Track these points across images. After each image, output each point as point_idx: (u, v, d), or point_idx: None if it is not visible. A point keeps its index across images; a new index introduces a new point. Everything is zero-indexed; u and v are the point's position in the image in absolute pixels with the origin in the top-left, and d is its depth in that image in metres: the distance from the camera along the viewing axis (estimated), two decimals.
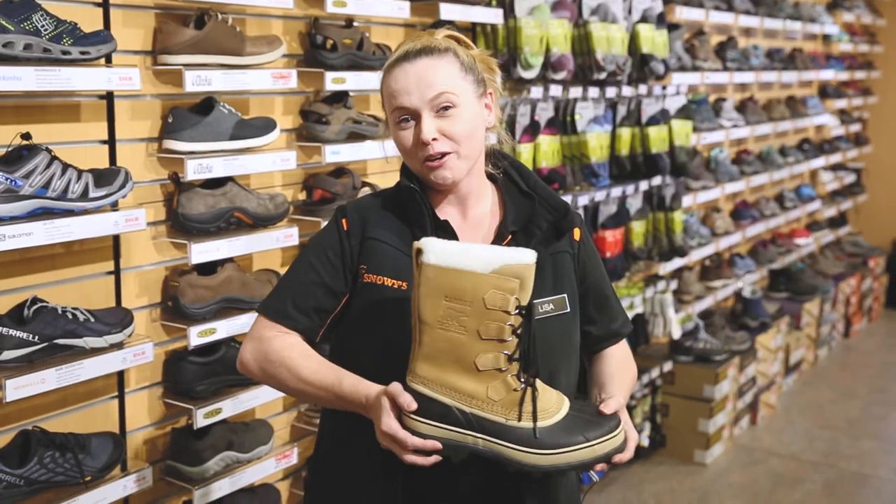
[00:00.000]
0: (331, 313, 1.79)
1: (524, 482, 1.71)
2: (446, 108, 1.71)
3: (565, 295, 1.79)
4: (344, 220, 1.80)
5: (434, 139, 1.70)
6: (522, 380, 1.52)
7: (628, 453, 1.60)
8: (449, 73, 1.72)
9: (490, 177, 1.87)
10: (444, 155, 1.71)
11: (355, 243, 1.77)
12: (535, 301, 1.71)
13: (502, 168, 1.88)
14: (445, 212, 1.81)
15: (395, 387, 1.55)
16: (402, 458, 1.54)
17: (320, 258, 1.78)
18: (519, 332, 1.51)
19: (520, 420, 1.51)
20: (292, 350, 1.74)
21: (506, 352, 1.51)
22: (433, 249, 1.49)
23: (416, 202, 1.76)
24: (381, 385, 1.60)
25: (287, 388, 1.77)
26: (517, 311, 1.50)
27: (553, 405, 1.54)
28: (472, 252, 1.50)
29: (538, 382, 1.54)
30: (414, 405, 1.52)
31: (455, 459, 1.54)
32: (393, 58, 1.75)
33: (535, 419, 1.51)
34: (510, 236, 1.78)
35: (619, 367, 1.88)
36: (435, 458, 1.53)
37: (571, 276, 1.83)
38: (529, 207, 1.80)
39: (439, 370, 1.52)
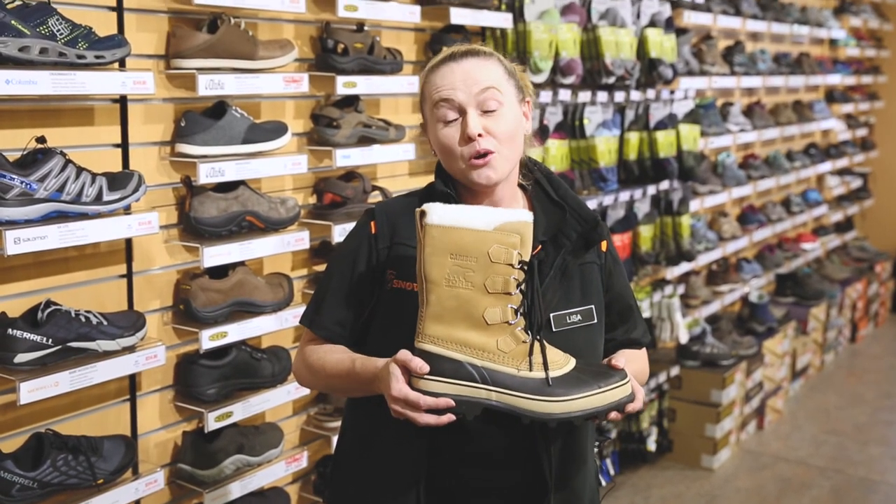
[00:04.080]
0: (361, 319, 1.82)
1: (550, 477, 1.72)
2: (492, 107, 1.72)
3: (592, 306, 1.80)
4: (372, 223, 1.81)
5: (480, 135, 1.71)
6: (529, 333, 1.56)
7: (638, 403, 1.63)
8: (495, 73, 1.75)
9: (519, 186, 1.88)
10: (488, 153, 1.72)
11: (383, 247, 1.79)
12: (562, 311, 1.73)
13: (533, 177, 1.88)
14: None
15: (404, 353, 1.57)
16: (416, 421, 1.55)
17: (350, 266, 1.81)
18: (522, 287, 1.56)
19: (531, 370, 1.55)
20: (319, 350, 1.81)
21: (512, 305, 1.55)
22: (436, 211, 1.55)
23: None
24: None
25: (329, 388, 1.89)
26: (520, 265, 1.55)
27: (561, 359, 1.59)
28: (473, 212, 1.56)
29: (545, 342, 1.58)
30: (427, 367, 1.54)
31: (469, 417, 1.56)
32: (437, 59, 1.77)
33: (546, 367, 1.55)
34: (539, 246, 1.77)
35: (628, 355, 1.89)
36: (449, 417, 1.55)
37: (599, 287, 1.84)
38: (559, 218, 1.80)
39: (448, 327, 1.55)
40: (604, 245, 1.87)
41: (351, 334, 1.83)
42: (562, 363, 1.58)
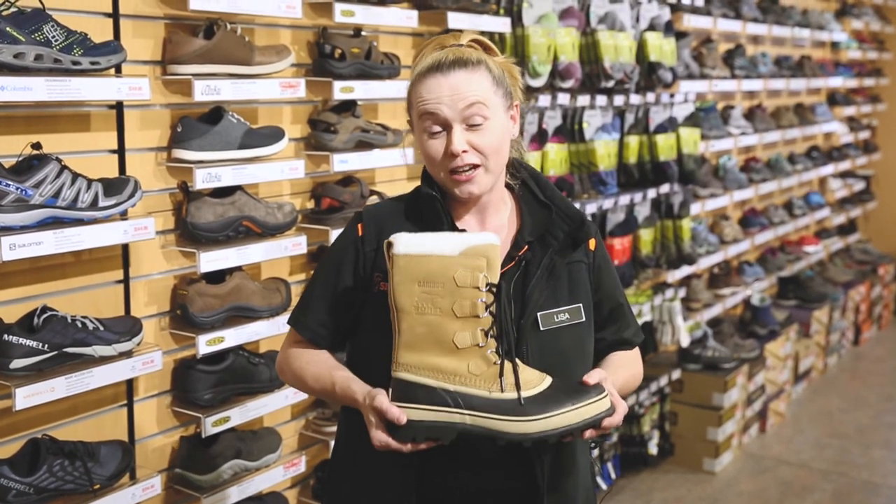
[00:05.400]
0: (347, 322, 1.83)
1: (542, 482, 1.72)
2: (477, 122, 1.72)
3: (580, 305, 1.81)
4: (360, 226, 1.82)
5: (464, 151, 1.71)
6: (500, 354, 1.57)
7: (618, 418, 1.63)
8: (482, 86, 1.73)
9: (507, 186, 1.88)
10: (472, 168, 1.72)
11: (370, 250, 1.79)
12: (550, 310, 1.73)
13: (520, 178, 1.88)
14: (464, 220, 1.82)
15: (380, 401, 1.58)
16: (398, 450, 1.58)
17: (336, 268, 1.81)
18: (492, 309, 1.57)
19: (503, 391, 1.56)
20: (301, 359, 1.82)
21: (481, 328, 1.56)
22: (402, 241, 1.57)
23: (435, 210, 1.77)
24: (365, 387, 1.66)
25: (310, 394, 1.91)
26: (487, 288, 1.56)
27: (535, 378, 1.59)
28: (439, 239, 1.58)
29: (518, 361, 1.59)
30: (404, 419, 1.56)
31: (445, 441, 1.57)
32: (424, 66, 1.74)
33: (518, 387, 1.56)
34: (527, 246, 1.78)
35: (619, 360, 1.90)
36: (427, 443, 1.58)
37: (587, 286, 1.84)
38: (546, 218, 1.81)
39: (420, 354, 1.57)
40: (592, 244, 1.87)
41: (334, 336, 1.84)
42: (536, 382, 1.58)
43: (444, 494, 1.75)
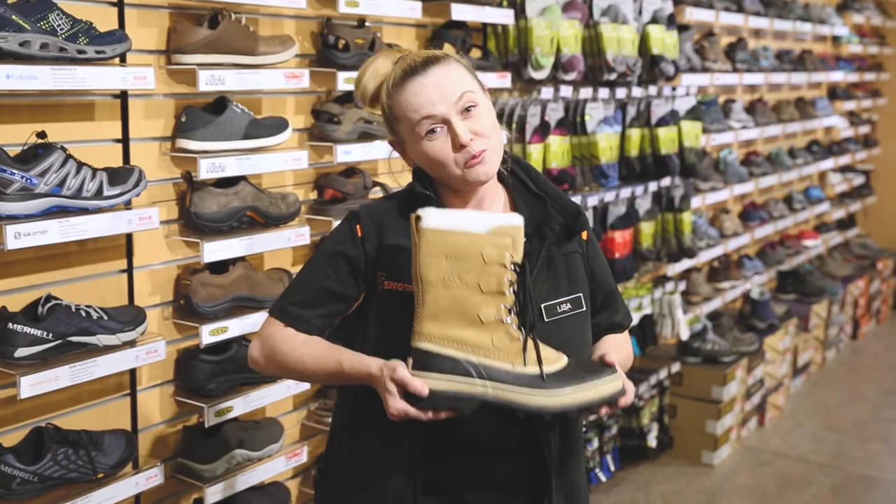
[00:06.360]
0: (339, 316, 1.82)
1: (551, 467, 1.74)
2: (469, 108, 1.73)
3: (580, 294, 1.83)
4: (358, 226, 1.81)
5: (471, 139, 1.72)
6: (522, 330, 1.61)
7: (629, 397, 1.67)
8: (461, 75, 1.76)
9: (497, 177, 1.88)
10: (482, 152, 1.73)
11: (371, 249, 1.78)
12: (552, 301, 1.75)
13: (509, 168, 1.89)
14: None
15: (401, 373, 1.58)
16: (417, 418, 1.59)
17: (333, 264, 1.80)
18: (515, 287, 1.60)
19: (525, 365, 1.59)
20: (294, 341, 1.78)
21: (505, 304, 1.60)
22: (431, 216, 1.60)
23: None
24: (380, 360, 1.66)
25: (296, 377, 1.87)
26: (512, 266, 1.59)
27: (553, 356, 1.63)
28: (466, 217, 1.62)
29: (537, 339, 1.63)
30: (426, 390, 1.57)
31: (466, 412, 1.60)
32: (397, 76, 1.75)
33: (540, 362, 1.60)
34: (525, 238, 1.78)
35: (613, 342, 1.93)
36: (448, 413, 1.59)
37: (583, 276, 1.87)
38: (542, 209, 1.82)
39: (444, 326, 1.59)
40: (584, 234, 1.89)
41: (325, 328, 1.82)
42: (554, 359, 1.62)
43: (448, 480, 1.75)
